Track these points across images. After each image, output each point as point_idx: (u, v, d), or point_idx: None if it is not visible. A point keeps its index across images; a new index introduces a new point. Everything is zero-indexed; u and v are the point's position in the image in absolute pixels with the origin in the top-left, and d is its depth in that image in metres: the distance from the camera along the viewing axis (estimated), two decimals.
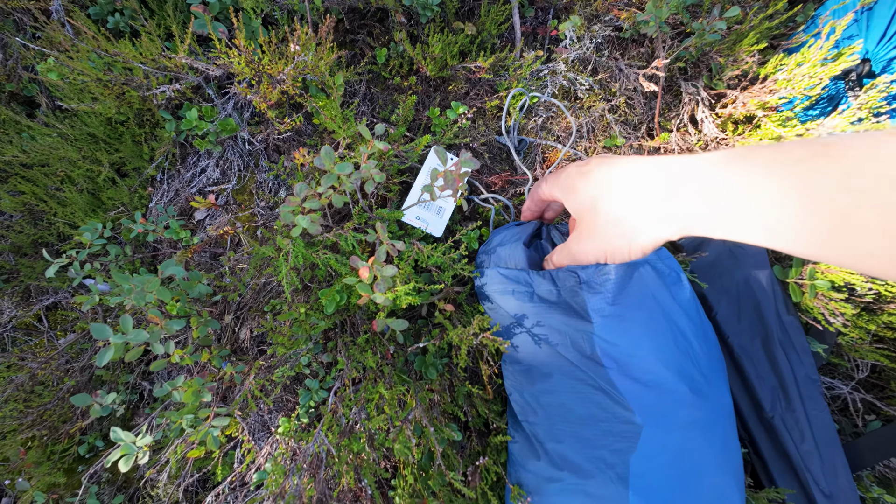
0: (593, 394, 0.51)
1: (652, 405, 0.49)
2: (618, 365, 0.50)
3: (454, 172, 0.51)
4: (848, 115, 0.58)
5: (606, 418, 0.50)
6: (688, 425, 0.50)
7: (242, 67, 0.70)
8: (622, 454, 0.49)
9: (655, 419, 0.49)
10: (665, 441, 0.49)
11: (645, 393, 0.49)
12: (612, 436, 0.49)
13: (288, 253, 0.65)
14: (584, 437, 0.51)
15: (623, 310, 0.50)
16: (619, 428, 0.49)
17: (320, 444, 0.52)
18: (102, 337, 0.53)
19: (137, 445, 0.60)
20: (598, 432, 0.50)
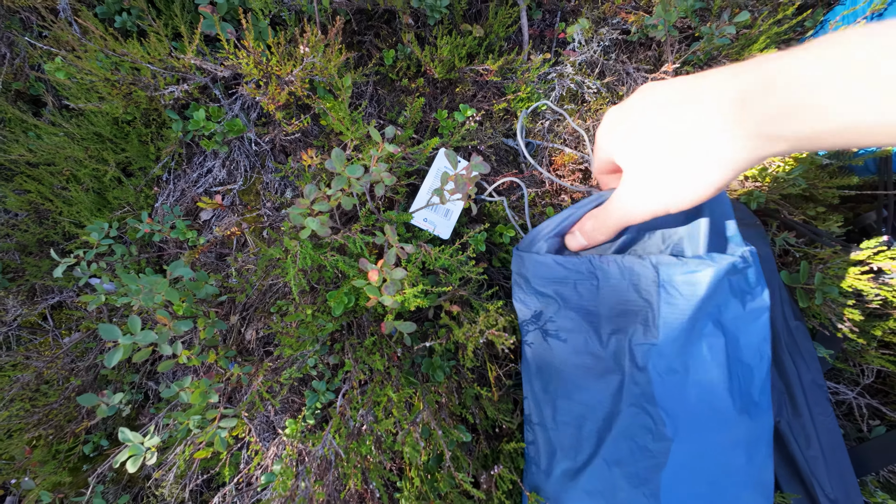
0: (634, 410, 0.50)
1: (693, 421, 0.48)
2: (663, 378, 0.48)
3: (465, 176, 0.51)
4: None
5: (642, 434, 0.49)
6: (733, 445, 0.49)
7: (251, 69, 0.70)
8: (653, 471, 0.48)
9: (692, 435, 0.48)
10: (702, 457, 0.48)
11: (688, 408, 0.48)
12: (647, 451, 0.49)
13: (296, 254, 0.66)
14: (618, 450, 0.51)
15: (694, 324, 0.47)
16: (654, 445, 0.48)
17: (329, 447, 0.52)
18: (111, 338, 0.53)
19: (145, 446, 0.60)
20: (633, 447, 0.50)
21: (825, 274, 0.61)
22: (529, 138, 0.84)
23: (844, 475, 0.61)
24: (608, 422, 0.52)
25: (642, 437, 0.49)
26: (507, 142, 0.81)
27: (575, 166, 0.82)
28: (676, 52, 0.80)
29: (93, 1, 0.87)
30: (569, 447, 0.56)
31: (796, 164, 0.67)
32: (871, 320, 0.66)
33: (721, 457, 0.49)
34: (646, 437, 0.49)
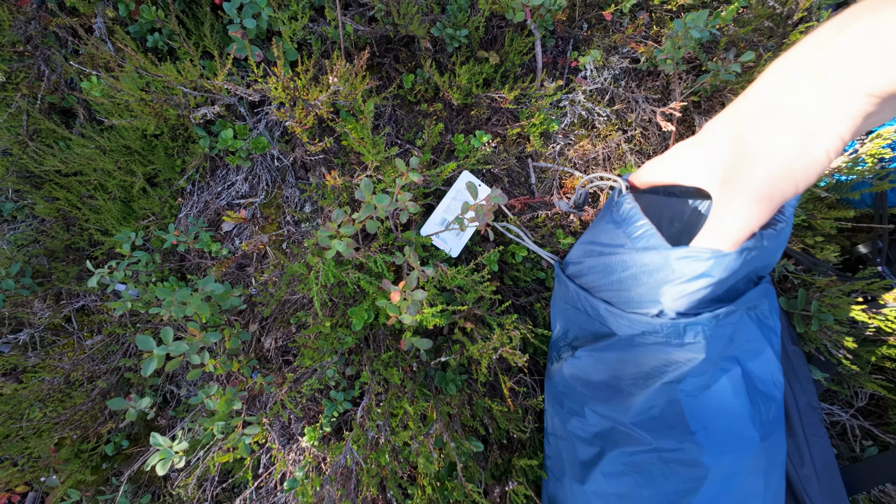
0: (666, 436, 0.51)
1: (722, 449, 0.50)
2: (696, 405, 0.50)
3: (485, 207, 0.55)
4: (851, 161, 0.62)
5: (675, 459, 0.51)
6: (753, 472, 0.51)
7: (279, 93, 0.74)
8: (687, 495, 0.51)
9: (723, 463, 0.50)
10: (729, 486, 0.50)
11: (718, 436, 0.50)
12: (678, 477, 0.51)
13: (318, 271, 0.69)
14: (651, 474, 0.52)
15: (721, 354, 0.49)
16: (688, 470, 0.50)
17: (350, 456, 0.55)
18: (147, 348, 0.57)
19: (174, 450, 0.63)
20: (667, 471, 0.52)
21: (821, 302, 0.64)
22: (540, 161, 0.87)
23: (836, 494, 0.64)
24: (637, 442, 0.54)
25: (674, 464, 0.51)
26: (558, 204, 0.84)
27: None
28: (683, 82, 0.83)
29: (126, 20, 0.92)
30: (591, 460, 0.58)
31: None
32: (866, 345, 0.69)
33: (745, 484, 0.52)
34: (677, 465, 0.51)
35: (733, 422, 0.50)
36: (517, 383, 0.73)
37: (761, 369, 0.52)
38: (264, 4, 0.77)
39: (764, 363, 0.53)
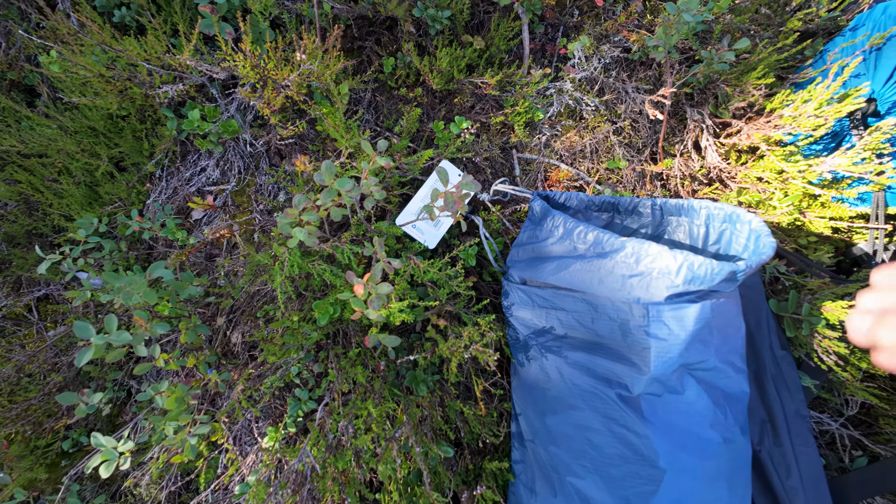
0: (625, 434, 0.49)
1: (679, 452, 0.48)
2: (653, 407, 0.49)
3: (454, 195, 0.51)
4: (850, 156, 0.58)
5: (635, 460, 0.49)
6: (715, 476, 0.49)
7: (247, 71, 0.70)
8: (645, 498, 0.48)
9: (680, 466, 0.47)
10: (688, 489, 0.48)
11: (675, 439, 0.48)
12: (638, 478, 0.48)
13: (284, 261, 0.65)
14: (611, 476, 0.50)
15: (687, 357, 0.47)
16: (645, 471, 0.48)
17: (304, 461, 0.51)
18: (85, 336, 0.53)
19: (119, 451, 0.59)
20: (626, 473, 0.49)
21: (813, 305, 0.60)
22: (525, 153, 0.83)
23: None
24: (605, 450, 0.51)
25: (634, 462, 0.49)
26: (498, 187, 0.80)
27: (570, 182, 0.81)
28: (676, 73, 0.79)
29: None
30: (562, 466, 0.55)
31: (791, 193, 0.67)
32: (858, 352, 0.65)
33: (706, 487, 0.49)
34: (638, 464, 0.49)
35: (693, 423, 0.47)
36: (493, 385, 0.69)
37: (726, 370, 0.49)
38: None
39: (729, 365, 0.49)
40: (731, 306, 0.49)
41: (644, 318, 0.47)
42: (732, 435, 0.50)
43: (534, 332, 0.60)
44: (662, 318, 0.46)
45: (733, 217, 0.53)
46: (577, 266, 0.52)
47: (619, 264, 0.47)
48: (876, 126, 0.57)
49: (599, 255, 0.49)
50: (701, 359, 0.48)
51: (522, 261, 0.62)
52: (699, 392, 0.49)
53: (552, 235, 0.57)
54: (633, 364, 0.49)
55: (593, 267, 0.50)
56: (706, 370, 0.49)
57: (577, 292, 0.53)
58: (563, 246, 0.55)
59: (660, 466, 0.48)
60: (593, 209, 0.66)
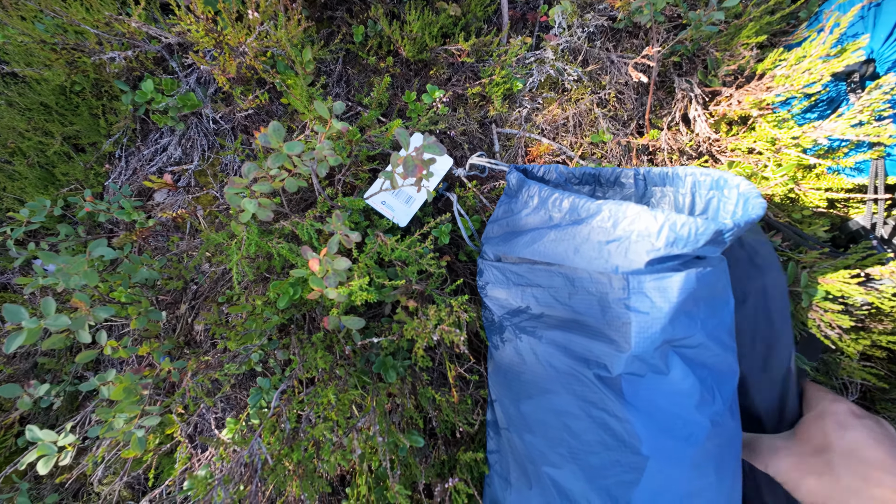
0: (605, 418, 0.45)
1: (664, 437, 0.43)
2: (634, 389, 0.44)
3: (415, 158, 0.46)
4: (848, 118, 0.54)
5: (616, 447, 0.44)
6: (702, 461, 0.44)
7: (201, 36, 0.64)
8: (627, 487, 0.44)
9: (665, 452, 0.43)
10: (673, 476, 0.43)
11: (659, 422, 0.44)
12: (619, 466, 0.44)
13: (241, 240, 0.60)
14: (590, 465, 0.45)
15: (672, 332, 0.43)
16: (627, 459, 0.44)
17: (254, 454, 0.46)
18: (15, 320, 0.48)
19: (58, 445, 0.54)
20: (606, 461, 0.45)
21: (811, 277, 0.56)
22: (506, 127, 0.79)
23: None
24: (583, 437, 0.47)
25: (616, 450, 0.45)
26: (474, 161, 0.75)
27: (552, 157, 0.77)
28: (663, 41, 0.75)
29: None
30: (538, 455, 0.51)
31: (784, 163, 0.63)
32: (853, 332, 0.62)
33: (693, 473, 0.45)
34: (620, 451, 0.44)
35: (679, 405, 0.42)
36: (468, 371, 0.65)
37: (714, 347, 0.44)
38: None
39: (717, 341, 0.45)
40: (719, 276, 0.44)
41: (624, 290, 0.43)
42: (721, 417, 0.45)
43: (509, 313, 0.55)
44: (644, 289, 0.42)
45: (721, 182, 0.49)
46: (551, 236, 0.47)
47: (596, 230, 0.43)
48: (875, 83, 0.53)
49: (575, 221, 0.45)
50: (686, 334, 0.43)
51: (497, 236, 0.58)
52: (685, 371, 0.44)
53: (527, 206, 0.53)
54: (613, 341, 0.44)
55: (568, 235, 0.45)
56: (692, 347, 0.45)
57: (553, 265, 0.49)
58: (538, 216, 0.50)
59: (642, 453, 0.43)
60: (574, 182, 0.62)
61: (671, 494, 0.44)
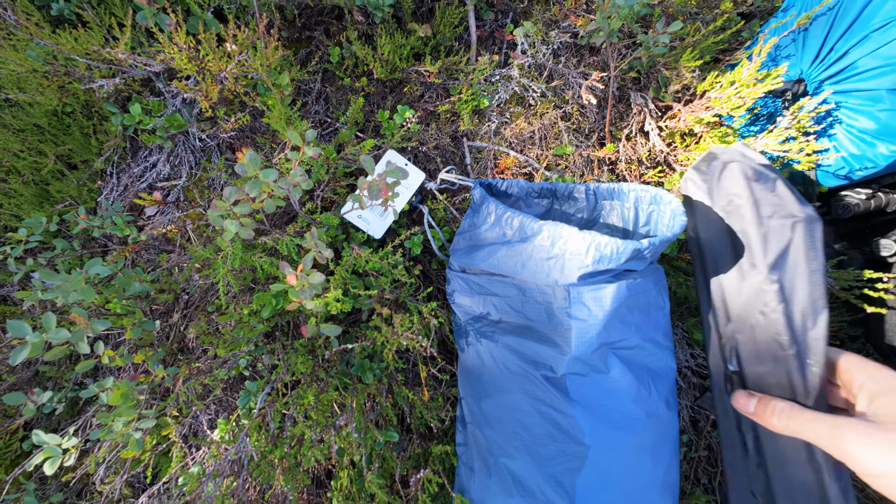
0: (552, 414, 0.50)
1: (604, 428, 0.49)
2: (578, 387, 0.50)
3: (380, 182, 0.51)
4: (776, 135, 0.59)
5: (562, 439, 0.50)
6: (638, 449, 0.50)
7: (184, 63, 0.69)
8: (572, 473, 0.49)
9: (604, 442, 0.49)
10: (612, 463, 0.49)
11: (600, 416, 0.49)
12: (565, 456, 0.50)
13: (227, 255, 0.65)
14: (539, 455, 0.51)
15: (607, 336, 0.48)
16: (572, 449, 0.49)
17: (241, 451, 0.52)
18: (19, 334, 0.52)
19: (63, 447, 0.59)
20: (553, 451, 0.50)
21: None
22: (475, 140, 0.84)
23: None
24: (534, 430, 0.52)
25: (562, 441, 0.50)
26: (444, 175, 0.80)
27: (519, 169, 0.82)
28: (622, 58, 0.80)
29: None
30: (496, 447, 0.56)
31: None
32: None
33: (630, 460, 0.50)
34: (565, 442, 0.50)
35: (617, 400, 0.48)
36: (440, 371, 0.70)
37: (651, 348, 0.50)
38: None
39: (655, 341, 0.50)
40: (651, 285, 0.50)
41: (566, 300, 0.48)
42: (656, 409, 0.51)
43: (472, 318, 0.60)
44: (582, 299, 0.47)
45: (658, 198, 0.54)
46: (503, 251, 0.52)
47: (538, 248, 0.48)
48: (798, 104, 0.58)
49: (522, 239, 0.50)
50: (621, 337, 0.49)
51: (461, 249, 0.63)
52: (623, 370, 0.50)
53: (486, 222, 0.58)
54: (557, 345, 0.50)
55: (516, 251, 0.50)
56: (629, 348, 0.50)
57: (508, 277, 0.54)
58: (495, 232, 0.56)
59: (585, 443, 0.49)
60: (534, 196, 0.67)
61: (611, 478, 0.49)
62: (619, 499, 0.50)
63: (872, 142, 0.58)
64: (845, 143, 0.60)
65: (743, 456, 0.46)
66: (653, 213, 0.56)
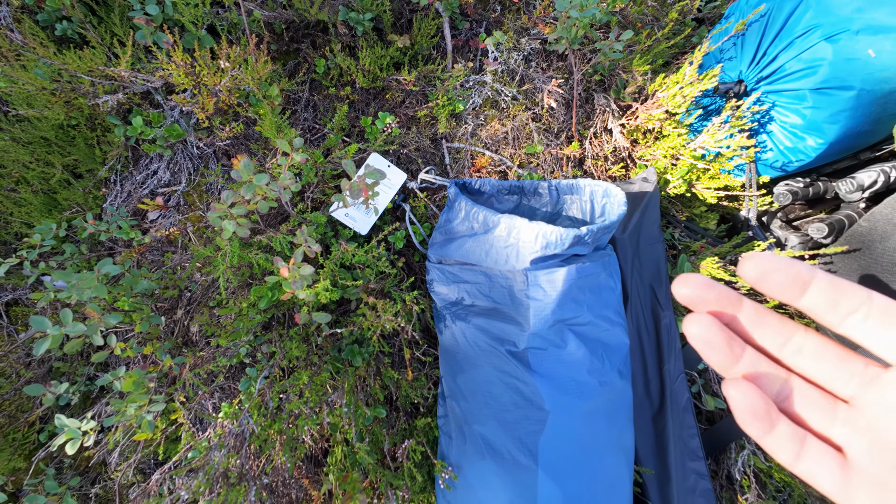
0: (516, 384, 0.57)
1: (561, 395, 0.56)
2: (539, 360, 0.57)
3: (360, 183, 0.57)
4: (712, 133, 0.66)
5: (525, 405, 0.57)
6: (593, 413, 0.57)
7: (182, 79, 0.75)
8: (534, 436, 0.56)
9: (562, 407, 0.56)
10: (570, 425, 0.56)
11: (557, 384, 0.56)
12: (528, 420, 0.57)
13: (226, 253, 0.71)
14: (506, 421, 0.58)
15: (561, 314, 0.55)
16: (534, 414, 0.56)
17: (243, 425, 0.58)
18: (41, 329, 0.59)
19: (82, 430, 0.66)
20: (518, 417, 0.57)
21: (694, 264, 0.69)
22: (454, 142, 0.90)
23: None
24: (501, 400, 0.59)
25: (525, 408, 0.57)
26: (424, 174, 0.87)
27: (494, 168, 0.88)
28: (587, 62, 0.86)
29: (34, 8, 0.90)
30: (470, 416, 0.63)
31: (679, 167, 0.75)
32: None
33: (586, 422, 0.57)
34: (528, 408, 0.57)
35: (573, 370, 0.55)
36: (423, 354, 0.77)
37: (604, 325, 0.56)
38: None
39: (607, 318, 0.57)
40: (600, 268, 0.56)
41: (525, 283, 0.55)
42: (609, 378, 0.58)
43: (449, 304, 0.67)
44: (538, 281, 0.54)
45: (608, 192, 0.61)
46: (470, 243, 0.59)
47: (497, 238, 0.55)
48: (728, 104, 0.65)
49: (485, 231, 0.57)
50: (574, 314, 0.56)
51: (438, 242, 0.69)
52: (578, 344, 0.57)
53: (458, 217, 0.64)
54: (519, 323, 0.56)
55: (481, 242, 0.57)
56: (583, 325, 0.57)
57: (476, 266, 0.61)
58: (465, 226, 0.62)
59: (545, 409, 0.56)
60: (504, 193, 0.73)
61: (568, 437, 0.56)
62: (577, 456, 0.57)
63: (802, 136, 0.64)
64: (780, 137, 0.67)
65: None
66: (606, 204, 0.63)
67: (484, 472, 0.58)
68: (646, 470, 0.65)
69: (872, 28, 0.58)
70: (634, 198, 0.71)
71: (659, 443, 0.70)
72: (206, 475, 0.55)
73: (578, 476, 0.56)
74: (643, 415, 0.70)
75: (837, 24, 0.58)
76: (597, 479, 0.57)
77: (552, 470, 0.55)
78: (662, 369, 0.70)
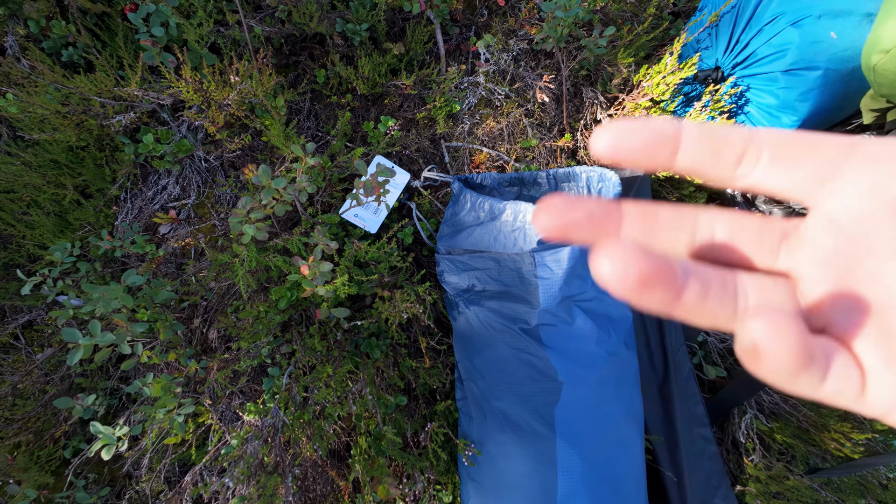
0: (530, 359, 0.61)
1: (573, 366, 0.60)
2: (549, 335, 0.61)
3: (372, 181, 0.61)
4: (695, 116, 0.71)
5: (540, 378, 0.61)
6: (603, 381, 0.61)
7: (191, 95, 0.79)
8: (550, 406, 0.60)
9: (574, 377, 0.60)
10: (582, 394, 0.60)
11: (569, 356, 0.60)
12: (543, 392, 0.61)
13: (243, 258, 0.75)
14: (523, 394, 0.62)
15: (568, 290, 0.59)
16: (548, 386, 0.60)
17: (275, 416, 0.62)
18: (73, 339, 0.62)
19: (116, 436, 0.68)
20: (534, 389, 0.61)
21: None
22: (452, 141, 0.95)
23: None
24: (516, 374, 0.63)
25: (539, 380, 0.61)
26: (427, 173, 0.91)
27: (492, 163, 0.93)
28: (573, 59, 0.91)
29: (39, 37, 0.94)
30: (488, 394, 0.67)
31: None
32: None
33: (597, 390, 0.61)
34: (543, 381, 0.61)
35: (582, 343, 0.59)
36: (438, 343, 0.81)
37: (608, 299, 0.61)
38: (170, 13, 0.81)
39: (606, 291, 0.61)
40: None
41: (532, 264, 0.59)
42: (616, 349, 0.62)
43: (460, 292, 0.71)
44: (545, 261, 0.58)
45: (603, 176, 0.65)
46: (478, 231, 0.63)
47: (504, 223, 0.59)
48: (707, 90, 0.70)
49: (493, 218, 0.61)
50: (580, 290, 0.60)
51: (446, 235, 0.73)
52: (585, 319, 0.61)
53: (464, 209, 0.69)
54: (529, 302, 0.61)
55: (489, 229, 0.61)
56: (588, 300, 0.61)
57: (485, 252, 0.65)
58: (471, 216, 0.66)
59: (559, 380, 0.60)
60: (505, 185, 0.78)
61: (582, 406, 0.60)
62: (591, 423, 0.61)
63: (777, 115, 0.70)
64: (757, 117, 0.72)
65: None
66: (602, 188, 0.67)
67: (505, 444, 0.62)
68: (655, 437, 0.69)
69: (832, 12, 0.64)
70: (627, 182, 0.75)
71: (666, 411, 0.74)
72: (245, 463, 0.58)
73: (593, 441, 0.60)
74: (650, 386, 0.74)
75: (801, 10, 0.64)
76: (611, 443, 0.60)
77: (569, 437, 0.59)
78: (664, 342, 0.75)
